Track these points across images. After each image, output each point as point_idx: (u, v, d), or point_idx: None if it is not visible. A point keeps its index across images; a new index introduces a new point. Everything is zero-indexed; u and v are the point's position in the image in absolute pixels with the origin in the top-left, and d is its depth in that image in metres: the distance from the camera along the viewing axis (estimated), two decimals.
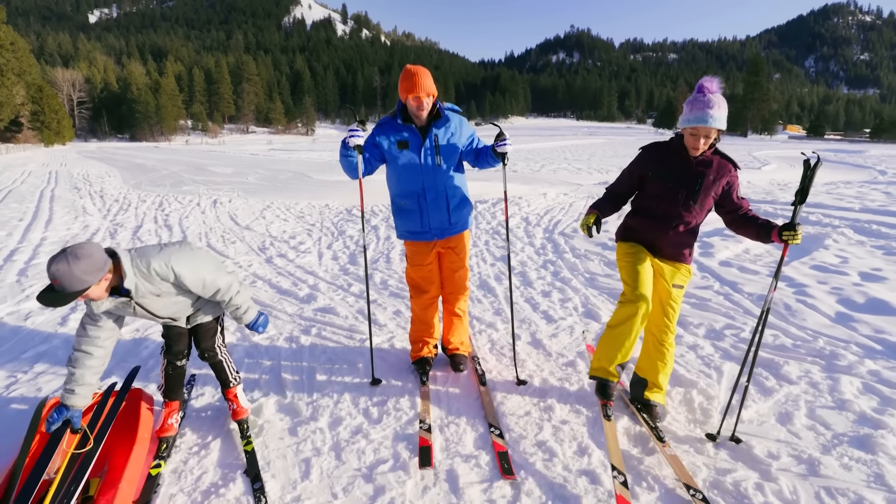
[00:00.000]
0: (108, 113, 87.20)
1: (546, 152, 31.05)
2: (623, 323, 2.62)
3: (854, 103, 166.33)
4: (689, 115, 2.43)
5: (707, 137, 2.44)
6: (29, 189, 14.81)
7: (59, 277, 1.87)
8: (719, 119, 2.38)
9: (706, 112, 2.37)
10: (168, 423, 2.57)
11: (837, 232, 6.85)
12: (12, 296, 4.97)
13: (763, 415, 2.74)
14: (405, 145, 2.90)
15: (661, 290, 2.69)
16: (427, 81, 2.79)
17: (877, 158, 24.94)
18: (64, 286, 1.89)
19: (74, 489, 1.94)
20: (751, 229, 2.52)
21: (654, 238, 2.68)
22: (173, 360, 2.61)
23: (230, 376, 2.72)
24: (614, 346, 2.66)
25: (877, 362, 3.25)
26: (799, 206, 2.32)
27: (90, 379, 2.18)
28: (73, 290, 1.91)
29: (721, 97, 2.40)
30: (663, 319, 2.70)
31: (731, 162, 2.56)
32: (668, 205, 2.59)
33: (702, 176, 2.53)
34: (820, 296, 4.48)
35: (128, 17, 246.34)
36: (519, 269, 5.63)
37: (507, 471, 2.31)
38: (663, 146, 2.64)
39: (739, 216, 2.58)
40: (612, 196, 2.78)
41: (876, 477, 2.24)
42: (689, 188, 2.54)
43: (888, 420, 2.63)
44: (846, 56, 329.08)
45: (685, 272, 2.70)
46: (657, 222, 2.64)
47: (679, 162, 2.56)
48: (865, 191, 11.46)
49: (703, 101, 2.39)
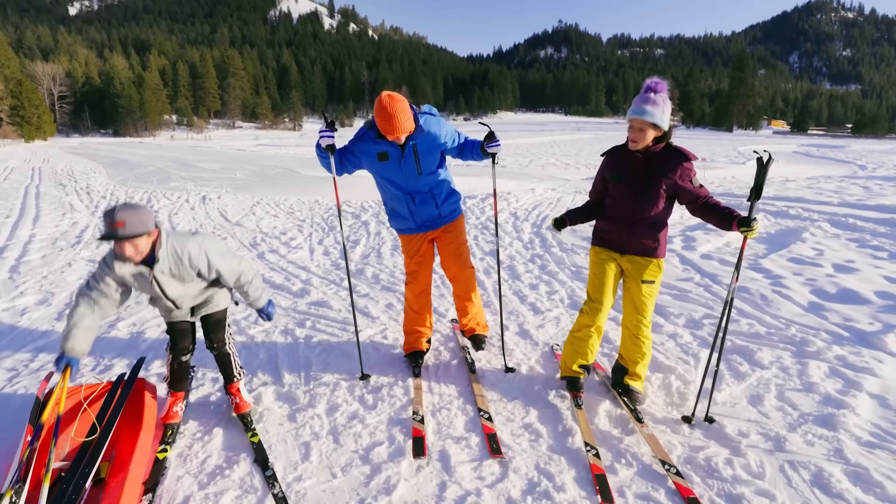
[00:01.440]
0: (91, 108, 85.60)
1: (534, 147, 31.26)
2: (581, 329, 2.92)
3: (836, 99, 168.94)
4: (629, 109, 2.60)
5: (642, 131, 2.56)
6: (13, 186, 14.63)
7: (124, 220, 2.18)
8: (654, 115, 2.50)
9: (641, 106, 2.52)
10: (173, 411, 2.70)
11: (815, 225, 7.10)
12: (6, 292, 5.01)
13: (736, 397, 2.92)
14: (385, 157, 2.94)
15: (632, 289, 2.86)
16: (405, 121, 2.72)
17: (857, 153, 25.52)
18: (126, 228, 2.19)
19: (88, 472, 2.05)
20: (713, 217, 2.66)
21: (619, 237, 2.81)
22: (178, 356, 2.72)
23: (234, 370, 2.82)
24: (577, 351, 2.94)
25: (843, 348, 3.45)
26: (754, 202, 2.46)
27: (83, 335, 2.35)
28: (134, 232, 2.21)
29: (664, 98, 2.54)
30: (636, 316, 2.87)
31: (682, 154, 2.63)
32: (623, 203, 2.75)
33: (649, 170, 2.64)
34: (794, 286, 4.69)
35: (109, 9, 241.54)
36: (507, 262, 5.78)
37: (495, 450, 2.47)
38: (618, 149, 2.78)
39: (700, 204, 2.69)
40: (588, 204, 2.99)
41: (836, 451, 2.42)
42: (638, 184, 2.67)
43: (850, 400, 2.82)
44: (829, 52, 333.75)
45: (655, 267, 2.80)
46: (618, 222, 2.79)
47: (629, 160, 2.70)
48: (845, 185, 11.79)
49: (642, 97, 2.55)
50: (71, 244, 7.11)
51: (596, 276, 2.88)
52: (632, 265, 2.83)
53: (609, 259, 2.87)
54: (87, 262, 6.15)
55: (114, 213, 2.19)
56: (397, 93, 2.76)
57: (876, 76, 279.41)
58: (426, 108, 3.03)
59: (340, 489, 2.26)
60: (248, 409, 2.80)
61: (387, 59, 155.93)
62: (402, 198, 3.10)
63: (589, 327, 2.89)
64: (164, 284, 2.46)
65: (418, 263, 3.32)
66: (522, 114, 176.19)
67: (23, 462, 2.13)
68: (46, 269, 5.86)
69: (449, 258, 3.34)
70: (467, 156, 3.15)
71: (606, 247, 2.88)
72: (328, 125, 2.95)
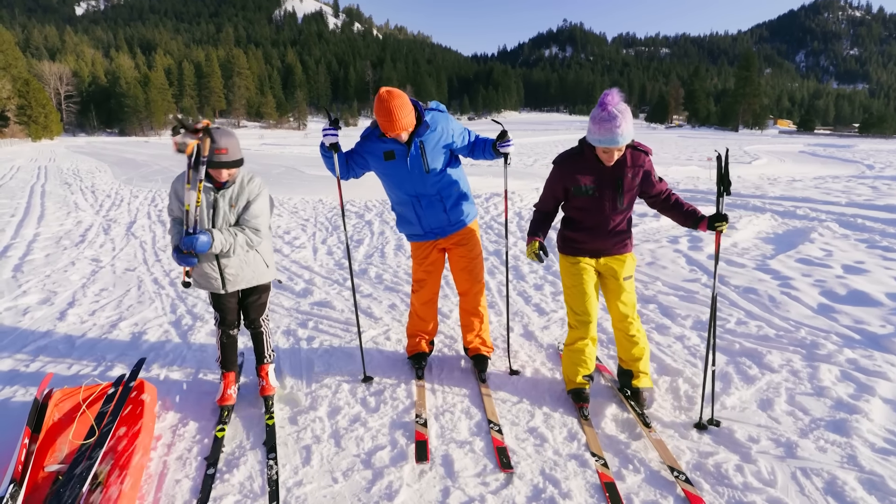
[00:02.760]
0: (97, 107, 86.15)
1: (539, 146, 31.17)
2: (575, 343, 2.87)
3: (844, 98, 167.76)
4: (598, 136, 2.42)
5: (620, 151, 2.48)
6: (19, 184, 14.69)
7: (227, 147, 2.41)
8: (627, 134, 2.40)
9: (615, 133, 2.37)
10: (227, 394, 2.83)
11: (823, 226, 7.00)
12: (9, 291, 5.00)
13: (745, 401, 2.86)
14: (391, 155, 2.85)
15: (614, 289, 2.81)
16: (405, 117, 2.66)
17: (865, 153, 25.30)
18: (230, 153, 2.44)
19: (85, 476, 2.02)
20: (677, 215, 2.62)
21: (593, 245, 2.75)
22: (227, 330, 2.90)
23: (266, 350, 3.02)
24: (576, 363, 2.87)
25: (855, 351, 3.38)
26: (722, 198, 2.45)
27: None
28: (237, 157, 2.50)
29: (624, 107, 2.40)
30: (625, 314, 2.82)
31: (642, 150, 2.60)
32: (596, 215, 2.66)
33: (620, 177, 2.58)
34: (804, 288, 4.61)
35: (115, 9, 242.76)
36: (512, 262, 5.73)
37: (505, 465, 2.36)
38: (576, 157, 2.64)
39: (662, 201, 2.67)
40: (544, 215, 2.84)
41: (849, 458, 2.36)
42: (611, 194, 2.60)
43: (863, 405, 2.76)
44: (836, 51, 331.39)
45: (631, 261, 2.82)
46: (591, 232, 2.72)
47: (596, 172, 2.59)
48: (853, 185, 11.66)
49: (608, 121, 2.37)
50: (75, 243, 7.11)
51: (575, 286, 2.80)
52: (609, 266, 2.79)
53: (585, 267, 2.80)
54: (91, 260, 6.14)
55: (219, 139, 2.36)
56: (397, 88, 2.70)
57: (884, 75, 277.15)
58: (433, 105, 2.94)
59: (341, 494, 2.22)
60: (273, 392, 2.92)
61: (391, 58, 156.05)
62: (408, 201, 2.99)
63: (583, 339, 2.83)
64: (218, 210, 2.61)
65: (426, 272, 3.22)
66: (527, 113, 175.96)
67: (20, 464, 2.10)
68: (50, 268, 5.85)
69: (461, 272, 3.20)
70: (478, 154, 3.05)
71: (580, 254, 2.80)
72: (332, 123, 2.86)
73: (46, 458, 2.34)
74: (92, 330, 4.05)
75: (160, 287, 5.04)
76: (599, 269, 2.83)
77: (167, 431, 2.68)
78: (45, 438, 2.42)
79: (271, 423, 2.67)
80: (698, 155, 23.74)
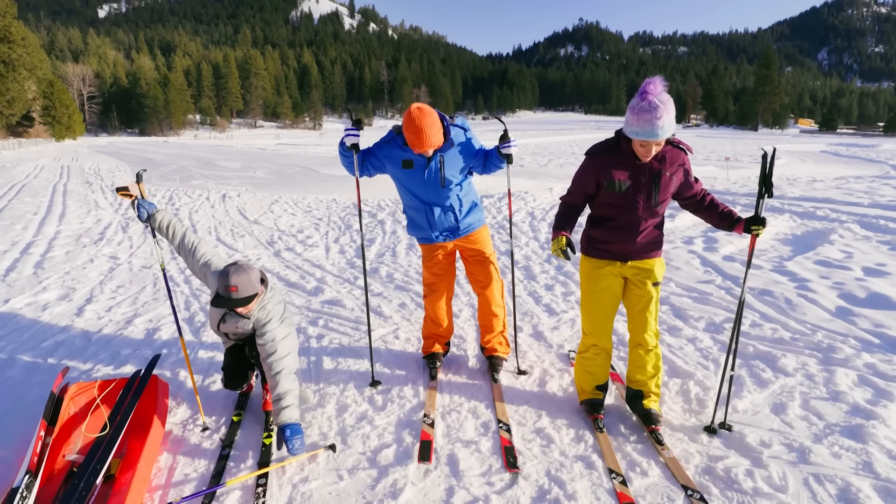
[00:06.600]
0: (118, 108, 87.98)
1: (553, 146, 31.00)
2: (588, 350, 2.75)
3: (868, 96, 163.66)
4: (636, 127, 2.21)
5: (658, 146, 2.28)
6: (42, 183, 15.06)
7: (238, 284, 2.35)
8: (669, 127, 2.18)
9: (654, 125, 2.15)
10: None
11: (844, 227, 6.84)
12: (30, 287, 5.13)
13: (757, 405, 2.81)
14: (409, 164, 2.85)
15: (642, 296, 2.60)
16: (434, 136, 2.66)
17: (890, 153, 24.66)
18: (241, 290, 2.36)
19: (99, 468, 2.06)
20: (712, 216, 2.50)
21: (622, 247, 2.54)
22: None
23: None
24: (589, 372, 2.75)
25: (874, 355, 3.29)
26: (763, 200, 2.33)
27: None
28: (247, 295, 2.39)
29: (667, 97, 2.18)
30: (646, 326, 2.63)
31: (682, 148, 2.44)
32: (629, 214, 2.46)
33: (657, 175, 2.39)
34: (821, 290, 4.51)
35: (136, 11, 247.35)
36: (523, 262, 5.70)
37: (511, 464, 2.36)
38: (611, 150, 2.43)
39: (697, 202, 2.53)
40: (571, 209, 2.62)
41: (864, 465, 2.30)
42: (647, 193, 2.41)
43: (881, 411, 2.69)
44: (860, 48, 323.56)
45: (661, 264, 2.63)
46: (622, 232, 2.50)
47: (631, 167, 2.39)
48: (876, 185, 11.36)
49: (648, 112, 2.15)
50: (94, 241, 7.26)
51: (594, 293, 2.62)
52: (638, 270, 2.58)
53: (609, 273, 2.60)
54: (109, 258, 6.27)
55: (229, 277, 2.33)
56: (427, 105, 2.69)
57: None
58: (459, 122, 2.91)
59: (346, 492, 2.23)
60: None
61: (406, 58, 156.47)
62: (421, 208, 3.00)
63: (596, 346, 2.70)
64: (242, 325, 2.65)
65: (436, 276, 3.21)
66: (542, 112, 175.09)
67: (35, 455, 2.15)
68: (69, 264, 5.99)
69: (477, 269, 3.21)
70: (490, 167, 3.00)
71: (605, 257, 2.60)
72: (354, 123, 2.86)
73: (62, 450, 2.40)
74: (108, 326, 4.13)
75: (175, 284, 5.13)
76: (625, 275, 2.61)
77: (178, 427, 2.72)
78: (60, 431, 2.48)
79: (268, 443, 2.57)
80: (716, 155, 23.39)
